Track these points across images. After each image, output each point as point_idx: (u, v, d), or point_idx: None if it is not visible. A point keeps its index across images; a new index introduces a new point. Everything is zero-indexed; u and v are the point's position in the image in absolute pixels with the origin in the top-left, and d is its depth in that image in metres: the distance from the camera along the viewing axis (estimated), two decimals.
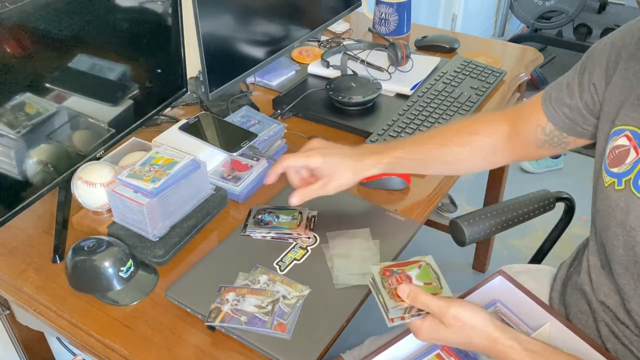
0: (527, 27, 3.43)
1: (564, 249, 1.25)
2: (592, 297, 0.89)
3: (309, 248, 0.97)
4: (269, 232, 0.99)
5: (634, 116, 0.80)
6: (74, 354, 1.25)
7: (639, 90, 0.80)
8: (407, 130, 1.24)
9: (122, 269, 0.91)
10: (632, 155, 0.79)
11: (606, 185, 0.82)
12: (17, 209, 0.93)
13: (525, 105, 0.99)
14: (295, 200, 0.94)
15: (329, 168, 0.95)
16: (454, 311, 0.75)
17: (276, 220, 1.02)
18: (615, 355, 0.85)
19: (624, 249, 0.81)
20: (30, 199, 0.95)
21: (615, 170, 0.81)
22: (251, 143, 1.13)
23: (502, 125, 1.01)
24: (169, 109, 1.33)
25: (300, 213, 1.03)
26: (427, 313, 0.77)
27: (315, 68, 1.50)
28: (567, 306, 0.96)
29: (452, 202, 2.22)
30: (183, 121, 1.18)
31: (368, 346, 1.01)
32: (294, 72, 1.53)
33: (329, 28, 1.69)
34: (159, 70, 1.15)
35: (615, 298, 0.86)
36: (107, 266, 0.90)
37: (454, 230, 1.08)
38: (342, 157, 0.96)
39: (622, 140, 0.81)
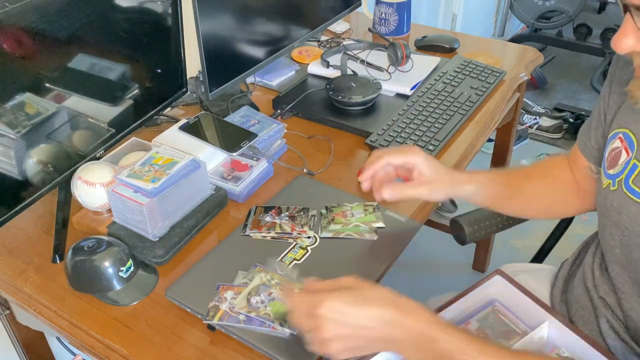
0: (527, 27, 3.44)
1: (564, 248, 1.25)
2: (594, 293, 0.90)
3: (309, 248, 0.97)
4: (269, 232, 0.99)
5: (627, 119, 0.82)
6: (74, 354, 1.25)
7: None
8: (407, 130, 1.24)
9: (122, 269, 0.91)
10: (624, 156, 0.80)
11: (604, 186, 0.84)
12: (17, 209, 0.93)
13: (574, 147, 0.97)
14: (387, 194, 0.87)
15: (430, 170, 0.89)
16: (346, 279, 0.70)
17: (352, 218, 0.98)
18: (615, 351, 0.86)
19: (620, 249, 0.82)
20: (30, 199, 0.95)
21: (611, 171, 0.83)
22: (251, 143, 1.13)
23: (567, 169, 0.98)
24: (169, 109, 1.33)
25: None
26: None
27: (315, 68, 1.50)
28: (569, 303, 0.96)
29: (452, 202, 2.21)
30: (183, 121, 1.18)
31: None
32: (294, 72, 1.53)
33: (329, 28, 1.69)
34: (159, 70, 1.15)
35: (613, 297, 0.87)
36: (107, 266, 0.90)
37: (455, 228, 1.08)
38: (441, 164, 0.91)
39: (617, 143, 0.82)
